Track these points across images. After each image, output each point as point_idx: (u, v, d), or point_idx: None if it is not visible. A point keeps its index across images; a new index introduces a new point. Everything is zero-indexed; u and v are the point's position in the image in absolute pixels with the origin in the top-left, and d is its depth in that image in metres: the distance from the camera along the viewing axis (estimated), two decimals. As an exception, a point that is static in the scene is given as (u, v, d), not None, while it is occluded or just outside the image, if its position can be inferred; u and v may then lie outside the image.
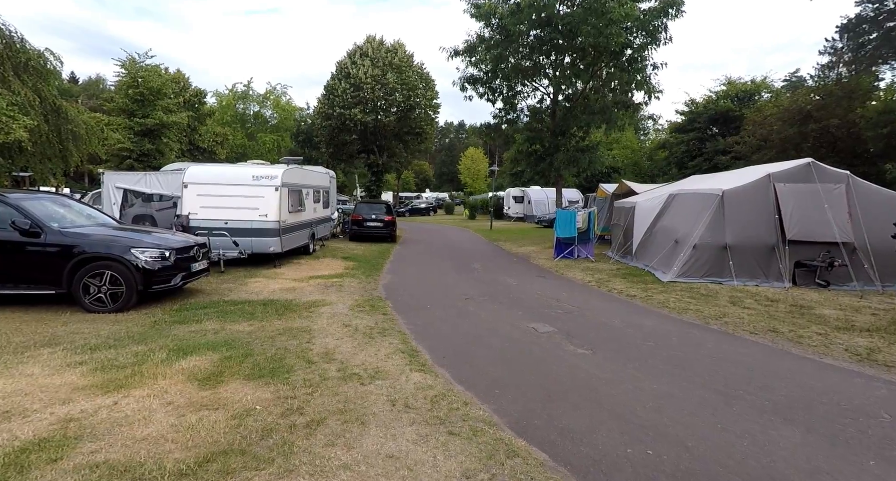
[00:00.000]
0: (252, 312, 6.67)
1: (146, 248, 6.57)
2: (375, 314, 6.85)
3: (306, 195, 13.04)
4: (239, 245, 10.13)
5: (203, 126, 36.23)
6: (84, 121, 16.77)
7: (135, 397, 3.65)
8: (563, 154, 15.31)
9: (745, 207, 9.36)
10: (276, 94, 42.06)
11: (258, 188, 10.69)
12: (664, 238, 10.91)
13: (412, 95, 27.50)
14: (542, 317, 6.88)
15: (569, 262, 12.94)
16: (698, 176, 14.15)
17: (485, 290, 9.01)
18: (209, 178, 10.67)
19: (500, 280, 10.27)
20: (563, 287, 9.56)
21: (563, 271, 11.54)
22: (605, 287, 9.43)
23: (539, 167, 16.50)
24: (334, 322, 6.32)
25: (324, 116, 28.27)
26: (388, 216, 18.35)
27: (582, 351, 5.32)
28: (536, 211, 33.54)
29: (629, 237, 12.69)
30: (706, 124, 22.25)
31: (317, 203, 14.40)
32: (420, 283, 9.72)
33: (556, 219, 13.27)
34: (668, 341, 5.72)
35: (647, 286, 9.27)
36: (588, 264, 12.58)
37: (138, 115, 21.35)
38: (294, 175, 11.96)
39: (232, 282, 9.15)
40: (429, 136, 32.12)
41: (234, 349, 4.94)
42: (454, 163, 77.58)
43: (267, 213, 10.62)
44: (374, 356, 4.93)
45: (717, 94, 22.88)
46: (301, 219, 12.43)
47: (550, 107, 16.62)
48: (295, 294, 8.18)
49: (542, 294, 8.70)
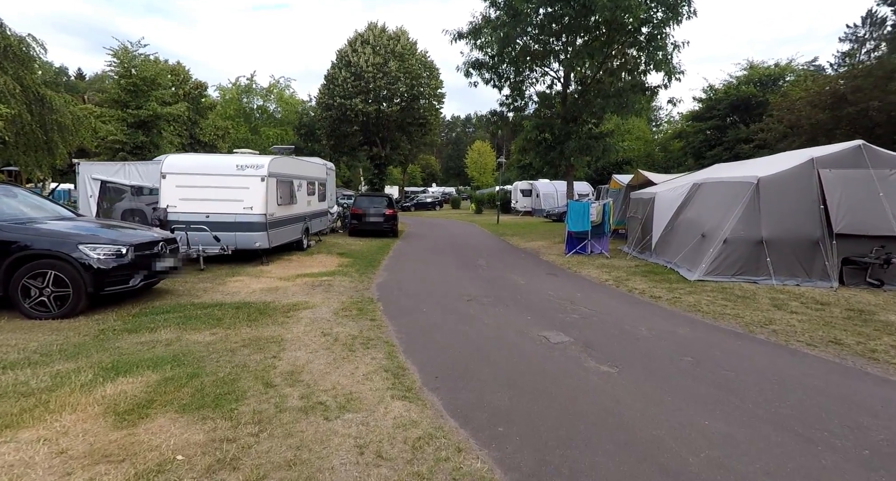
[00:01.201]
0: (220, 318, 5.79)
1: (99, 244, 5.70)
2: (362, 319, 5.94)
3: (298, 187, 12.15)
4: (220, 240, 9.27)
5: (204, 119, 35.57)
6: (71, 112, 16.04)
7: (18, 442, 2.76)
8: (575, 142, 14.24)
9: (785, 196, 8.28)
10: (280, 88, 41.30)
11: (243, 178, 9.81)
12: (689, 232, 9.86)
13: (415, 84, 26.42)
14: (555, 324, 5.92)
15: (582, 259, 11.93)
16: (723, 164, 13.04)
17: (489, 290, 8.07)
18: (189, 168, 9.81)
19: (506, 278, 9.31)
20: (578, 286, 8.58)
21: (577, 268, 10.55)
22: (624, 286, 8.43)
23: (549, 157, 15.43)
24: (312, 329, 5.42)
25: (324, 107, 27.31)
26: (388, 210, 17.44)
27: (605, 368, 4.36)
28: (545, 204, 32.44)
29: (648, 231, 11.64)
30: (726, 111, 20.96)
31: (311, 196, 13.52)
32: (418, 282, 8.80)
33: (568, 212, 12.26)
34: (709, 356, 4.74)
35: (672, 285, 8.26)
36: (603, 261, 11.57)
37: (131, 106, 20.59)
38: (283, 164, 11.06)
39: (210, 280, 8.29)
40: (433, 128, 31.04)
41: (181, 366, 4.05)
42: (461, 157, 76.47)
43: (252, 206, 9.74)
44: (350, 376, 4.01)
45: (738, 79, 21.54)
46: (292, 213, 11.55)
47: (561, 92, 15.53)
48: (276, 295, 7.30)
49: (553, 295, 7.73)
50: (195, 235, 9.13)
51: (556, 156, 15.19)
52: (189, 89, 35.36)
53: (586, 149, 14.19)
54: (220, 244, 9.27)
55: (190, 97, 36.00)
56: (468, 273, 9.90)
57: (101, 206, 10.56)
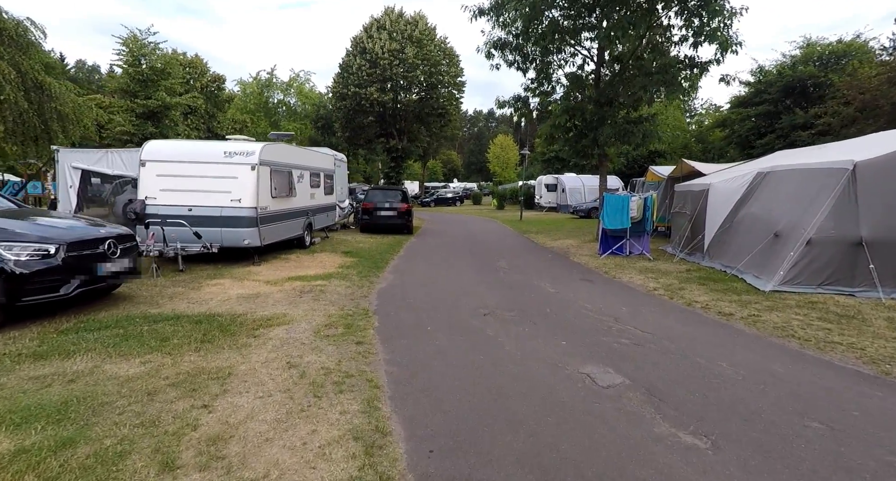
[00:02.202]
0: (168, 337, 4.55)
1: (17, 243, 4.53)
2: (347, 341, 4.60)
3: (299, 178, 10.93)
4: (202, 237, 8.10)
5: (221, 113, 35.07)
6: (73, 100, 15.29)
7: None
8: (610, 128, 12.55)
9: (893, 186, 6.52)
10: (300, 82, 40.55)
11: (231, 167, 8.62)
12: (754, 230, 8.17)
13: (434, 72, 24.92)
14: (600, 353, 4.45)
15: (619, 260, 10.32)
16: (787, 151, 11.17)
17: (511, 301, 6.62)
18: (171, 155, 8.68)
19: (532, 284, 7.84)
20: (621, 296, 7.03)
21: (615, 273, 8.97)
22: (679, 298, 6.83)
23: (579, 145, 13.78)
24: (277, 357, 4.11)
25: (338, 96, 26.14)
26: (403, 204, 16.11)
27: (689, 439, 2.88)
28: (571, 200, 30.63)
29: (699, 229, 9.94)
30: (779, 95, 18.69)
31: (315, 188, 12.31)
32: (427, 288, 7.42)
33: (604, 207, 10.64)
34: (844, 418, 3.18)
35: (741, 298, 6.63)
36: (645, 263, 9.94)
37: (140, 96, 19.90)
38: (279, 152, 9.84)
39: (184, 284, 7.11)
40: (453, 118, 29.50)
41: (61, 423, 2.79)
42: (483, 152, 74.78)
43: (241, 198, 8.55)
44: (301, 449, 2.66)
45: (793, 59, 19.20)
46: (290, 207, 10.34)
47: (594, 71, 13.83)
48: (253, 304, 6.05)
49: (591, 308, 6.22)
50: (173, 231, 7.98)
51: (587, 145, 13.53)
52: (206, 82, 34.93)
53: (623, 135, 12.47)
54: (202, 241, 8.11)
55: (207, 90, 35.60)
56: (487, 277, 8.47)
57: (83, 198, 9.58)
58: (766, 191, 8.47)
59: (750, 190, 8.82)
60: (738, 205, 9.00)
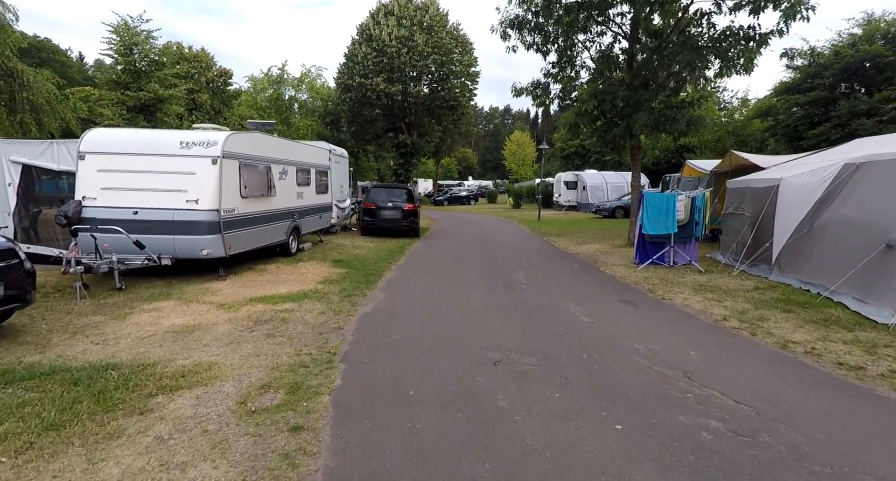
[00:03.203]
0: (5, 416, 2.97)
1: None
2: (279, 426, 2.95)
3: (281, 174, 9.37)
4: (145, 247, 6.56)
5: (228, 108, 33.99)
6: (48, 90, 14.06)
7: None
8: (646, 114, 10.65)
9: None
10: (311, 77, 39.30)
11: (188, 160, 7.07)
12: (848, 238, 6.28)
13: (445, 61, 23.11)
14: (681, 454, 2.70)
15: (663, 273, 8.47)
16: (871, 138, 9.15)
17: (533, 336, 4.89)
18: (117, 146, 7.17)
19: (558, 308, 6.08)
20: (681, 330, 5.22)
21: (663, 291, 7.13)
22: (765, 334, 4.99)
23: (609, 135, 11.89)
24: (147, 467, 2.48)
25: (343, 88, 24.56)
26: (408, 204, 14.46)
27: None
28: (593, 198, 28.59)
29: (765, 235, 8.03)
30: (836, 79, 16.37)
31: (304, 186, 10.74)
32: (423, 315, 5.74)
33: (643, 208, 8.78)
34: None
35: (855, 335, 4.77)
36: (696, 277, 8.08)
37: (132, 88, 18.68)
38: (252, 143, 8.27)
39: (109, 310, 5.57)
40: (466, 111, 27.65)
41: None
42: (498, 149, 73.03)
43: (199, 198, 6.99)
44: None
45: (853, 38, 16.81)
46: (269, 208, 8.77)
47: (626, 50, 11.91)
48: (181, 344, 4.45)
49: (647, 351, 4.45)
50: (108, 240, 6.47)
51: (619, 135, 11.63)
52: (212, 76, 33.89)
53: (663, 123, 10.53)
54: (146, 252, 6.57)
55: (214, 85, 34.58)
56: (500, 296, 6.73)
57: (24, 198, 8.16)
58: (861, 187, 6.55)
59: (835, 186, 6.93)
60: (818, 205, 7.11)
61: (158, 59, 19.40)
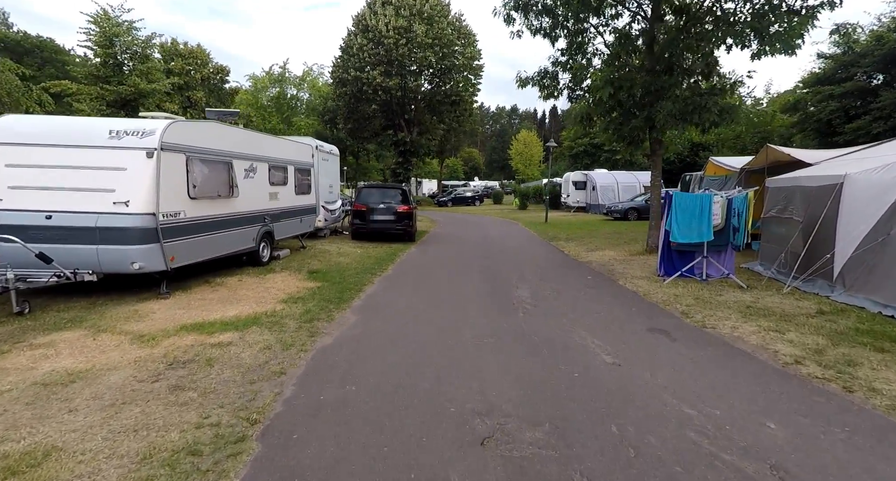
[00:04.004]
0: None
1: None
2: None
3: (248, 172, 8.10)
4: (53, 260, 5.27)
5: (224, 107, 32.95)
6: (8, 81, 12.95)
7: None
8: (671, 103, 9.25)
9: None
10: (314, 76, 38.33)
11: (117, 153, 5.80)
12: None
13: (447, 54, 21.72)
14: None
15: (695, 288, 7.06)
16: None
17: (539, 393, 3.53)
18: (32, 136, 5.91)
19: (571, 343, 4.71)
20: (746, 386, 3.83)
21: (702, 315, 5.72)
22: (867, 391, 3.57)
23: (626, 128, 10.49)
24: None
25: (338, 82, 23.29)
26: (403, 206, 13.15)
27: None
28: (603, 199, 27.15)
29: (824, 244, 6.59)
30: (876, 67, 14.77)
31: (279, 185, 9.47)
32: (396, 353, 4.41)
33: (672, 211, 7.36)
34: None
35: None
36: (737, 294, 6.66)
37: (113, 82, 17.56)
38: (204, 134, 6.98)
39: (-12, 345, 4.30)
40: (469, 107, 26.23)
41: None
42: (505, 149, 71.84)
43: (130, 199, 5.72)
44: None
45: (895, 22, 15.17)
46: (229, 212, 7.49)
47: (645, 31, 10.49)
48: (26, 413, 3.16)
49: (699, 418, 3.08)
50: (4, 251, 5.20)
51: (638, 127, 10.23)
52: (208, 73, 32.86)
53: (691, 112, 9.10)
54: (55, 267, 5.29)
55: (210, 83, 33.56)
56: (498, 323, 5.37)
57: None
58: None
59: (919, 185, 5.50)
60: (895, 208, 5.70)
61: (142, 52, 18.27)
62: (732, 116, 9.07)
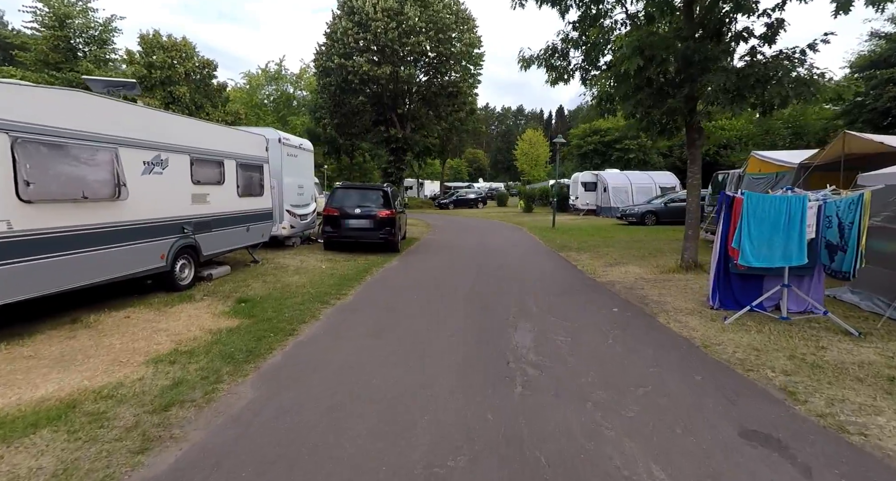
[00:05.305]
0: None
1: None
2: None
3: (150, 165, 5.94)
4: None
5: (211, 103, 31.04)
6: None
7: None
8: (720, 75, 6.99)
9: None
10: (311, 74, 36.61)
11: None
12: None
13: (443, 39, 19.45)
14: None
15: (779, 333, 4.79)
16: None
17: None
18: None
19: (607, 470, 2.48)
20: None
21: (821, 395, 3.46)
22: None
23: (660, 111, 8.25)
24: None
25: (322, 72, 21.12)
26: (383, 211, 10.98)
27: None
28: (615, 201, 24.89)
29: None
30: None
31: (210, 185, 7.31)
32: None
33: (745, 220, 5.09)
34: None
35: None
36: (849, 344, 4.39)
37: (65, 69, 15.57)
38: (52, 106, 4.76)
39: None
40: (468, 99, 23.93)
41: None
42: (510, 150, 69.91)
43: None
44: None
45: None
46: (111, 221, 5.32)
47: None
48: None
49: None
50: None
51: (676, 108, 7.97)
52: (192, 67, 30.90)
53: (753, 86, 6.81)
54: None
55: (195, 78, 31.62)
56: (479, 408, 3.12)
57: None
58: None
59: None
60: None
61: (99, 36, 16.28)
62: (814, 91, 6.76)
